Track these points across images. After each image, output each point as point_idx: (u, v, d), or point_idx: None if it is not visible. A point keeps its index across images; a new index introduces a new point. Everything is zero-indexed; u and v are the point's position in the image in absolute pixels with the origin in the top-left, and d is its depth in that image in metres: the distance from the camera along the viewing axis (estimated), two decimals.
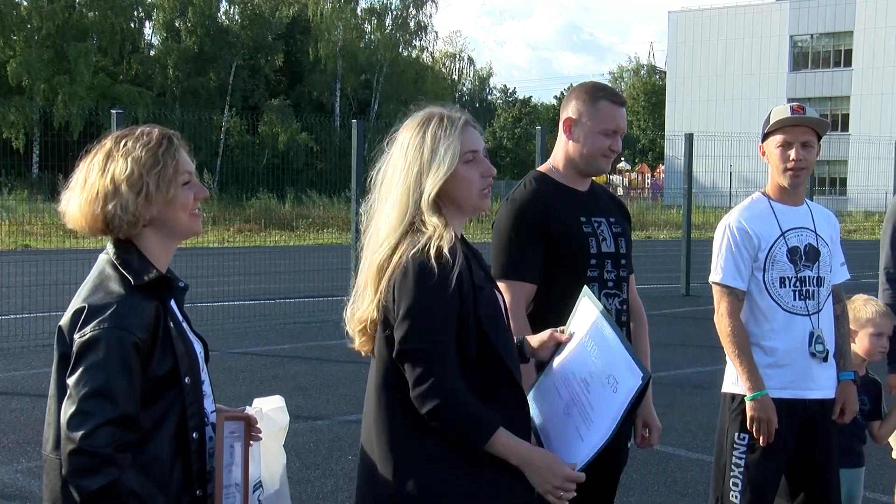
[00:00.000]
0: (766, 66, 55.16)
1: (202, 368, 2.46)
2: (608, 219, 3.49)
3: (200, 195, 2.44)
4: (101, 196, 2.33)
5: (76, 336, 2.24)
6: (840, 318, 3.88)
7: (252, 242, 22.69)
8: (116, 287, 2.30)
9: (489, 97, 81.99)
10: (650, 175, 55.21)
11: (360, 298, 2.56)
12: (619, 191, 46.61)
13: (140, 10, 49.92)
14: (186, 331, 2.44)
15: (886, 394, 4.39)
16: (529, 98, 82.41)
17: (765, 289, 3.71)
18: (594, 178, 3.60)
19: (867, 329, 4.21)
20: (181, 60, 48.57)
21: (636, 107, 72.60)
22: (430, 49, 61.42)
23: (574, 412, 2.60)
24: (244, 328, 11.60)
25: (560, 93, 76.90)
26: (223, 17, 51.91)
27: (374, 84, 54.10)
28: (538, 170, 3.59)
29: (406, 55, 56.56)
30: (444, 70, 71.39)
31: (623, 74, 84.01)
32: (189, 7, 48.76)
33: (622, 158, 52.75)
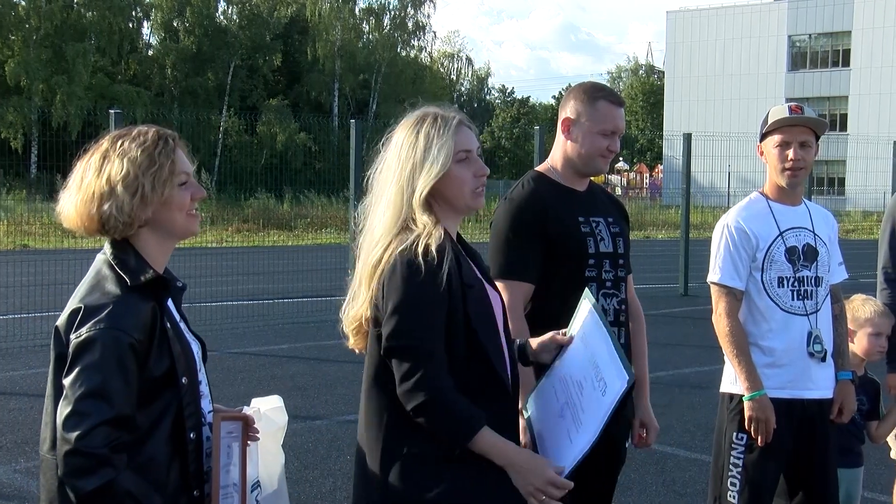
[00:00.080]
0: (765, 66, 55.20)
1: (200, 368, 2.46)
2: (606, 219, 3.48)
3: (197, 196, 2.44)
4: (97, 197, 2.33)
5: (72, 336, 2.24)
6: (838, 318, 3.88)
7: (250, 242, 22.70)
8: (113, 287, 2.30)
9: (487, 97, 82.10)
10: (648, 175, 55.32)
11: (355, 297, 2.58)
12: (618, 191, 46.70)
13: (138, 10, 49.94)
14: (184, 331, 2.43)
15: (885, 393, 4.39)
16: (527, 98, 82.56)
17: (763, 289, 3.71)
18: (592, 178, 3.60)
19: (866, 329, 4.20)
20: (179, 60, 48.58)
21: (634, 107, 72.63)
22: (429, 49, 61.57)
23: (567, 414, 2.60)
24: (242, 328, 11.59)
25: (558, 93, 76.90)
26: (221, 17, 51.94)
27: (373, 84, 54.10)
28: (536, 170, 3.58)
29: (404, 55, 56.57)
30: (443, 70, 71.46)
31: (621, 74, 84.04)
32: (187, 7, 48.78)
33: (620, 158, 52.81)
